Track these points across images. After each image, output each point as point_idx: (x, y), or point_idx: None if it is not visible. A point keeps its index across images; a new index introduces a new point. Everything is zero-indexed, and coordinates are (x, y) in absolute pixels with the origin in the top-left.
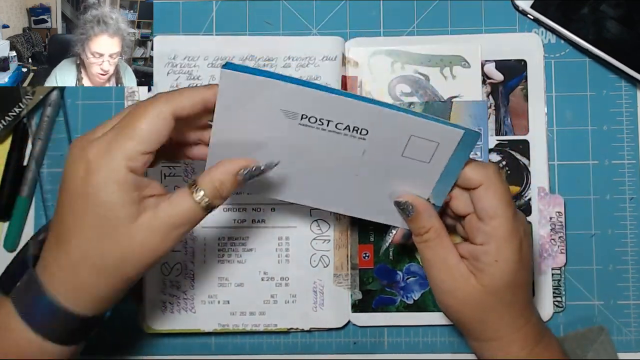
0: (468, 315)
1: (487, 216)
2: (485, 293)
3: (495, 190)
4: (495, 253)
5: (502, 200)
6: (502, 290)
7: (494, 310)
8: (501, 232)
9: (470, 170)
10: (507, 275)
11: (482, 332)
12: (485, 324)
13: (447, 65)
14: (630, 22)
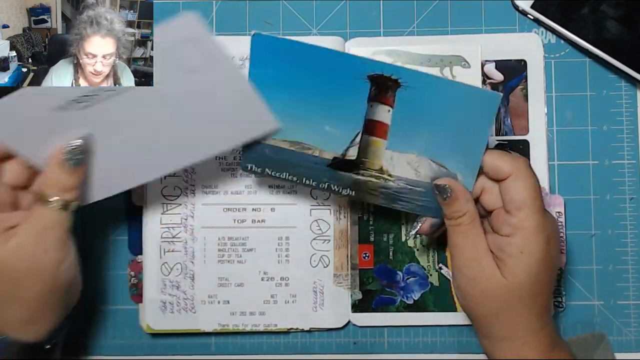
0: (487, 308)
1: (514, 207)
2: (507, 287)
3: (524, 182)
4: (521, 244)
5: (530, 192)
6: (524, 287)
7: (513, 307)
8: (528, 223)
9: (501, 160)
10: (531, 269)
11: (497, 329)
12: (502, 320)
13: (447, 65)
14: (630, 22)
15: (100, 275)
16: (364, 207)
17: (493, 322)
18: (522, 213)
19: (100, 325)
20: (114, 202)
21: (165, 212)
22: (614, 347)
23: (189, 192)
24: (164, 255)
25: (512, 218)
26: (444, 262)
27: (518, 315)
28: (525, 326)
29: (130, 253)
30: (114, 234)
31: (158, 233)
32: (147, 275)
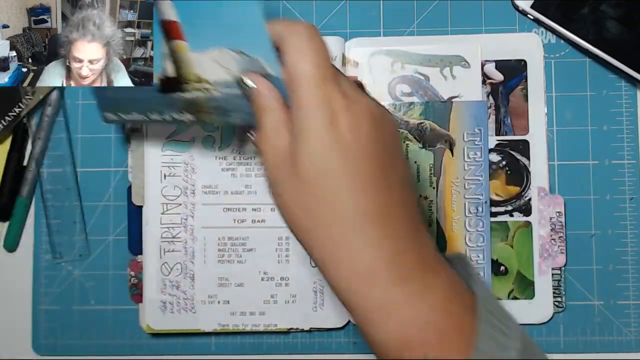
0: (297, 226)
1: (290, 82)
2: (303, 185)
3: (296, 45)
4: (299, 122)
5: (304, 58)
6: (318, 184)
7: (319, 219)
8: (303, 96)
9: (274, 29)
10: (316, 155)
11: (317, 252)
12: (313, 235)
13: (447, 65)
14: (630, 22)
15: (100, 275)
16: None
17: (308, 240)
18: (298, 87)
19: (100, 325)
20: (114, 202)
21: (165, 212)
22: (614, 347)
23: (189, 192)
24: (164, 255)
25: (290, 91)
26: None
27: (328, 227)
28: (342, 246)
29: (130, 253)
30: (114, 234)
31: (158, 233)
32: (147, 275)
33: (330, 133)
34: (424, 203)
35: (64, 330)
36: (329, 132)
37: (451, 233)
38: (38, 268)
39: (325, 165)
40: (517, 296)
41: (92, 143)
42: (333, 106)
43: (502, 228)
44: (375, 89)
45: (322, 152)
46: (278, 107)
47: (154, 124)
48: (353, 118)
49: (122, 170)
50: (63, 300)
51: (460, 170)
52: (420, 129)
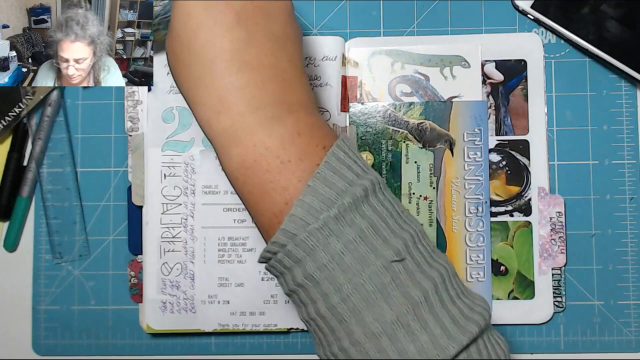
0: (178, 77)
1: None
2: (174, 37)
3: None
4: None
5: None
6: (185, 33)
7: (189, 66)
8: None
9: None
10: (182, 9)
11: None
12: (187, 86)
13: (447, 65)
14: (630, 22)
15: (100, 275)
16: None
17: (188, 97)
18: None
19: (100, 325)
20: (114, 202)
21: (165, 212)
22: (614, 347)
23: (189, 192)
24: (164, 255)
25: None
26: None
27: (196, 76)
28: (210, 89)
29: (130, 253)
30: (114, 234)
31: (158, 233)
32: (147, 275)
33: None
34: (424, 203)
35: (64, 330)
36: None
37: (451, 233)
38: (38, 268)
39: (190, 19)
40: (517, 296)
41: (92, 143)
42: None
43: (502, 228)
44: (375, 89)
45: (188, 7)
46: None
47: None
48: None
49: (122, 170)
50: (63, 300)
51: (460, 170)
52: (420, 129)
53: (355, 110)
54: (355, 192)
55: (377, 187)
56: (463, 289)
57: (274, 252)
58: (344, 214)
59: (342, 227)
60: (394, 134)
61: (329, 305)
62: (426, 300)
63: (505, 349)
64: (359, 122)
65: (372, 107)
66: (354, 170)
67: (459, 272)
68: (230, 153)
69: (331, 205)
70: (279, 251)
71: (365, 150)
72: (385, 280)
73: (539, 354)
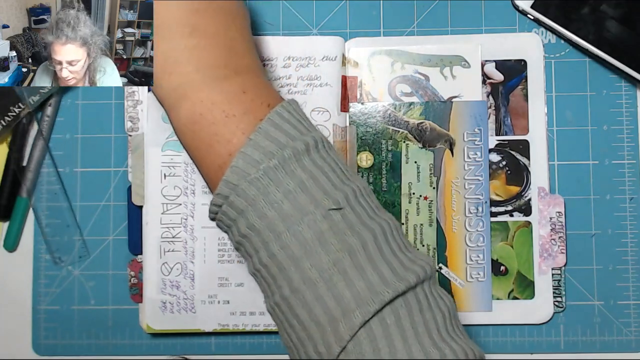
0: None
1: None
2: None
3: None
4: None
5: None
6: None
7: (154, 38)
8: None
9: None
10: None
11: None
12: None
13: (447, 65)
14: (630, 22)
15: (100, 275)
16: None
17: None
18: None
19: (100, 325)
20: (114, 202)
21: (165, 212)
22: (614, 347)
23: (189, 192)
24: (164, 255)
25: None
26: (444, 262)
27: (156, 47)
28: (164, 53)
29: (130, 253)
30: (114, 234)
31: (158, 233)
32: (147, 275)
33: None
34: (424, 203)
35: (64, 330)
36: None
37: (451, 233)
38: (38, 268)
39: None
40: (517, 296)
41: (92, 143)
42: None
43: (502, 228)
44: (375, 89)
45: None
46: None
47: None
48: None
49: (122, 170)
50: (63, 300)
51: (460, 170)
52: (420, 129)
53: (355, 110)
54: (296, 146)
55: (320, 144)
56: (407, 245)
57: (219, 205)
58: (283, 164)
59: (282, 177)
60: (394, 134)
61: (269, 253)
62: (364, 248)
63: (449, 303)
64: (359, 122)
65: (372, 107)
66: (298, 128)
67: (459, 272)
68: (178, 109)
69: (271, 157)
70: (223, 203)
71: (365, 150)
72: (323, 228)
73: (539, 354)
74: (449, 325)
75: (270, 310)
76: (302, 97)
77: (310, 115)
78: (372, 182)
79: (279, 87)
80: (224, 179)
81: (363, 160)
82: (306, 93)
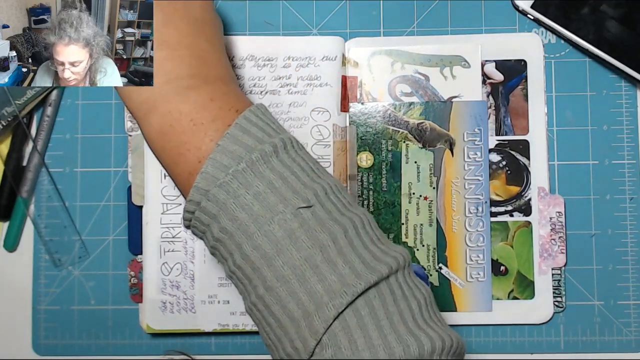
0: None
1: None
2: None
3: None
4: None
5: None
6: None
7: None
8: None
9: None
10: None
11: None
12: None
13: (447, 65)
14: (630, 22)
15: (100, 275)
16: (363, 207)
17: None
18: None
19: (100, 325)
20: (114, 202)
21: (165, 212)
22: (614, 347)
23: None
24: (164, 255)
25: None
26: (444, 262)
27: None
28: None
29: (130, 253)
30: (114, 234)
31: (158, 233)
32: (147, 275)
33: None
34: (424, 203)
35: (64, 330)
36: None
37: (451, 233)
38: (38, 268)
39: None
40: (517, 296)
41: (92, 143)
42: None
43: (502, 228)
44: (375, 89)
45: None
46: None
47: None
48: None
49: (122, 170)
50: (63, 300)
51: (460, 170)
52: (420, 129)
53: (355, 110)
54: (264, 148)
55: (289, 145)
56: (381, 238)
57: (191, 212)
58: (252, 167)
59: (251, 180)
60: (394, 134)
61: (243, 254)
62: (335, 243)
63: (426, 292)
64: (359, 122)
65: (372, 107)
66: (266, 131)
67: (459, 272)
68: (149, 121)
69: (240, 160)
70: (195, 209)
71: (365, 150)
72: (293, 226)
73: (539, 354)
74: (424, 312)
75: (249, 310)
76: (302, 97)
77: (310, 115)
78: (372, 182)
79: (279, 87)
80: (195, 185)
81: (363, 160)
82: (306, 93)
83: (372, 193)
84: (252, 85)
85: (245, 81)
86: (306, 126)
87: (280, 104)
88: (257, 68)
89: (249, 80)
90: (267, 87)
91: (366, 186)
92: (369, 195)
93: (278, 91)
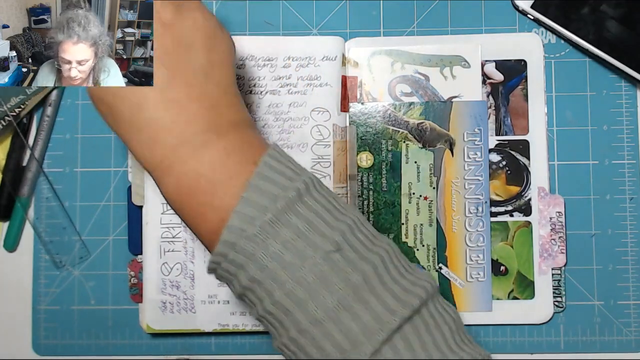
0: (113, 124)
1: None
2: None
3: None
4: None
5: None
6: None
7: (119, 113)
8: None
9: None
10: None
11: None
12: (124, 131)
13: (447, 65)
14: (630, 22)
15: (100, 275)
16: (363, 207)
17: (126, 141)
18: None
19: (100, 325)
20: (114, 202)
21: (165, 212)
22: (614, 347)
23: None
24: (164, 255)
25: None
26: (444, 262)
27: (128, 120)
28: (141, 127)
29: (130, 253)
30: (114, 234)
31: (158, 233)
32: (147, 275)
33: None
34: (424, 203)
35: (64, 330)
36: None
37: (451, 233)
38: (38, 268)
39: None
40: (517, 296)
41: (92, 143)
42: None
43: (502, 228)
44: (375, 89)
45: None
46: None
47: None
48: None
49: (122, 170)
50: (63, 300)
51: (460, 170)
52: (420, 129)
53: (355, 110)
54: (288, 195)
55: (310, 186)
56: (407, 267)
57: (218, 262)
58: (278, 216)
59: (278, 229)
60: (394, 134)
61: (273, 301)
62: (366, 282)
63: (454, 314)
64: (359, 122)
65: (372, 107)
66: (287, 174)
67: (459, 272)
68: (166, 182)
69: (265, 210)
70: (222, 261)
71: (365, 150)
72: (324, 269)
73: (539, 354)
74: (456, 336)
75: (278, 350)
76: (302, 97)
77: (311, 115)
78: (372, 182)
79: (279, 87)
80: (222, 239)
81: (363, 160)
82: (306, 93)
83: (372, 193)
84: (252, 85)
85: (245, 81)
86: (306, 126)
87: (280, 104)
88: (257, 68)
89: (249, 80)
90: (267, 87)
91: (366, 186)
92: (369, 195)
93: (278, 91)
